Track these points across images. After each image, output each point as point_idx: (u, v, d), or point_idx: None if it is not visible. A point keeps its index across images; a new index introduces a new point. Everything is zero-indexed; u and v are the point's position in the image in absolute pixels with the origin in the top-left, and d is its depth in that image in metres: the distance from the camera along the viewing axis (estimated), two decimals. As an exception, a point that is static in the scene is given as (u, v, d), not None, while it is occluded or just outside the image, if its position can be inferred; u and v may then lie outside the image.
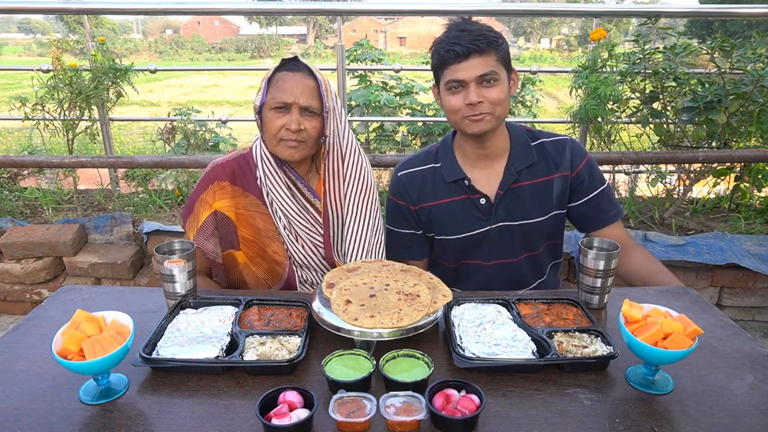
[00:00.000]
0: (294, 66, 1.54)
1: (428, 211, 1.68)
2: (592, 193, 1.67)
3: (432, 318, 1.22)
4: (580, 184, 1.66)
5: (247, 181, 1.64)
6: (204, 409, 1.03)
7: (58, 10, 3.32)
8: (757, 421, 1.00)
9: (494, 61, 1.50)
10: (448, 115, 1.59)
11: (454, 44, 1.49)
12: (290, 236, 1.63)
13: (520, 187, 1.63)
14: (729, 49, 2.72)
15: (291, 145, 1.52)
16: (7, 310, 3.13)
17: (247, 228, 1.64)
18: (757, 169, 3.08)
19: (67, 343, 1.03)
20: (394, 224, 1.75)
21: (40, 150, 4.08)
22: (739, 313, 2.96)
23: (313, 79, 1.53)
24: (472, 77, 1.49)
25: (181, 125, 3.62)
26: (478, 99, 1.50)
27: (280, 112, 1.51)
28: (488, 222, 1.64)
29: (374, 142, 4.67)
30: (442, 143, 1.73)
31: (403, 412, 0.96)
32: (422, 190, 1.69)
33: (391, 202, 1.75)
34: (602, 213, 1.67)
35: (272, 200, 1.61)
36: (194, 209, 1.65)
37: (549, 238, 1.71)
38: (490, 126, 1.54)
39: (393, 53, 18.52)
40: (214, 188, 1.64)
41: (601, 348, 1.17)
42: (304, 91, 1.50)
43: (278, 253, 1.65)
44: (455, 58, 1.49)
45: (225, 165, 1.65)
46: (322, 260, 1.66)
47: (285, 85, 1.50)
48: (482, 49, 1.48)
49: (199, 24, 61.29)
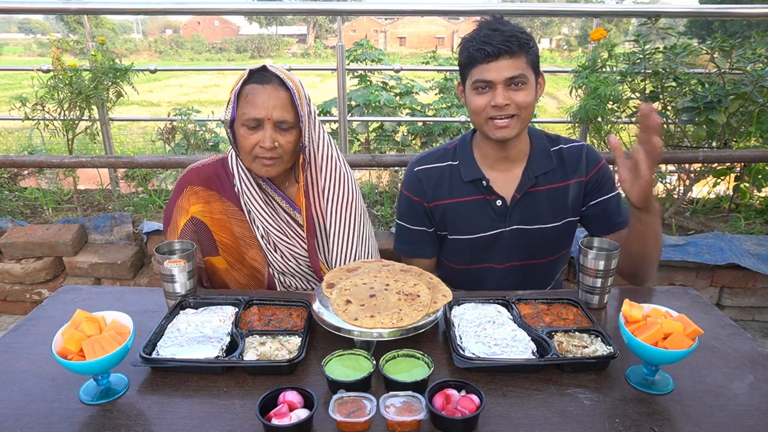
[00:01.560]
0: (263, 77, 1.43)
1: (443, 209, 1.66)
2: (600, 198, 1.64)
3: (432, 318, 1.22)
4: (592, 188, 1.64)
5: (224, 187, 1.59)
6: (204, 409, 1.03)
7: (58, 10, 3.33)
8: (757, 421, 1.00)
9: (524, 64, 1.47)
10: (472, 116, 1.56)
11: (485, 43, 1.45)
12: (268, 245, 1.58)
13: (537, 192, 1.61)
14: (729, 49, 2.72)
15: (266, 163, 1.46)
16: (7, 310, 3.13)
17: (224, 233, 1.60)
18: (757, 169, 3.08)
19: (67, 343, 1.03)
20: (405, 220, 1.73)
21: (40, 150, 4.09)
22: (739, 313, 2.96)
23: (285, 89, 1.44)
24: (500, 79, 1.46)
25: (181, 125, 3.62)
26: (504, 101, 1.46)
27: (252, 129, 1.43)
28: (503, 224, 1.62)
29: (374, 142, 4.67)
30: (461, 141, 1.70)
31: (403, 412, 0.96)
32: (438, 188, 1.66)
33: (404, 197, 1.72)
34: (609, 219, 1.64)
35: (250, 210, 1.57)
36: (172, 217, 1.61)
37: (561, 244, 1.70)
38: (515, 132, 1.51)
39: (393, 53, 18.51)
40: (187, 193, 1.59)
41: (601, 348, 1.17)
42: (277, 104, 1.42)
43: (257, 260, 1.61)
44: (485, 58, 1.45)
45: (200, 170, 1.61)
46: (306, 270, 1.62)
47: (255, 99, 1.42)
48: (513, 51, 1.44)
49: (199, 24, 61.30)
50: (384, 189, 3.69)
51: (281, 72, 1.46)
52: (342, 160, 1.63)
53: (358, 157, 3.00)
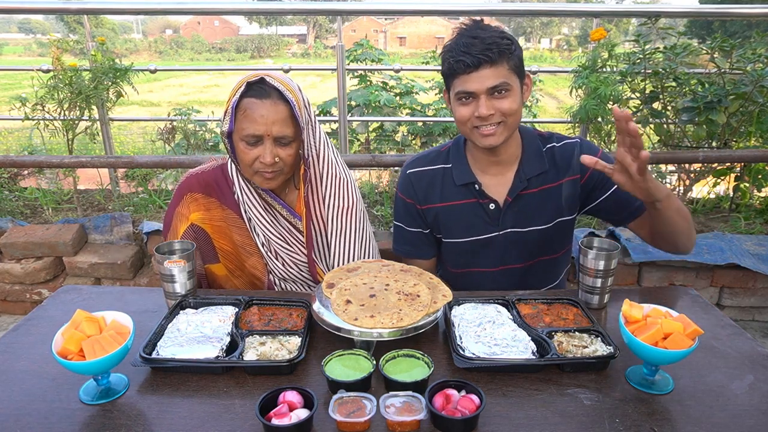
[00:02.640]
0: (262, 91, 1.39)
1: (435, 212, 1.66)
2: (611, 189, 1.58)
3: (432, 318, 1.22)
4: (596, 183, 1.60)
5: (224, 194, 1.57)
6: (204, 409, 1.03)
7: (58, 10, 3.32)
8: (757, 421, 1.01)
9: (506, 71, 1.44)
10: (458, 125, 1.55)
11: (465, 54, 1.42)
12: (269, 254, 1.58)
13: (530, 194, 1.59)
14: (729, 49, 2.72)
15: (268, 177, 1.45)
16: (7, 310, 3.13)
17: (224, 240, 1.60)
18: (757, 169, 3.08)
19: (67, 343, 1.03)
20: (402, 221, 1.73)
21: (40, 150, 4.09)
22: (739, 313, 2.96)
23: (285, 102, 1.40)
24: (482, 89, 1.43)
25: (181, 125, 3.62)
26: (488, 112, 1.44)
27: (252, 145, 1.41)
28: (496, 228, 1.62)
29: (374, 142, 4.67)
30: (454, 144, 1.69)
31: (403, 412, 0.96)
32: (430, 190, 1.66)
33: (399, 199, 1.72)
34: (626, 206, 1.58)
35: (250, 218, 1.56)
36: (172, 224, 1.60)
37: (560, 244, 1.68)
38: (502, 139, 1.50)
39: (393, 53, 18.51)
40: (187, 200, 1.59)
41: (601, 348, 1.17)
42: (277, 120, 1.39)
43: (257, 268, 1.61)
44: (465, 69, 1.43)
45: (200, 176, 1.60)
46: (306, 276, 1.62)
47: (254, 114, 1.38)
48: (494, 60, 1.41)
49: (199, 24, 61.29)
50: (384, 189, 3.69)
51: (280, 83, 1.41)
52: (341, 164, 1.62)
53: (358, 157, 3.00)
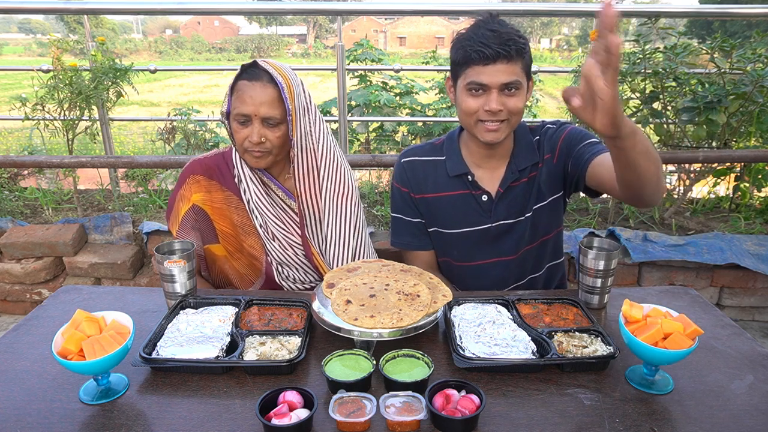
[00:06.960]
0: (253, 74, 1.49)
1: (428, 202, 1.68)
2: (578, 146, 1.54)
3: (432, 318, 1.22)
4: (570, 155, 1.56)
5: (224, 177, 1.65)
6: (204, 409, 1.03)
7: (58, 10, 3.32)
8: (757, 421, 1.00)
9: (519, 70, 1.45)
10: (462, 116, 1.55)
11: (484, 45, 1.42)
12: (267, 234, 1.64)
13: (519, 185, 1.62)
14: (729, 49, 2.72)
15: (256, 155, 1.53)
16: (7, 310, 3.13)
17: (224, 221, 1.66)
18: (757, 169, 3.08)
19: (67, 343, 1.03)
20: (399, 212, 1.74)
21: (40, 150, 4.09)
22: (739, 313, 2.96)
23: (274, 85, 1.48)
24: (496, 83, 1.44)
25: (181, 125, 3.62)
26: (498, 107, 1.45)
27: (242, 124, 1.50)
28: (489, 219, 1.64)
29: (374, 142, 4.67)
30: (448, 137, 1.72)
31: (403, 412, 0.96)
32: (424, 180, 1.68)
33: (395, 189, 1.73)
34: (582, 154, 1.52)
35: (249, 199, 1.62)
36: (174, 205, 1.68)
37: (550, 225, 1.68)
38: (503, 136, 1.52)
39: (393, 53, 18.54)
40: (189, 182, 1.66)
41: (601, 348, 1.17)
42: (264, 101, 1.47)
43: (255, 248, 1.67)
44: (482, 60, 1.43)
45: (202, 161, 1.68)
46: (302, 259, 1.66)
47: (244, 96, 1.48)
48: (511, 56, 1.43)
49: (199, 24, 61.28)
50: (384, 189, 3.68)
51: (272, 67, 1.50)
52: (341, 155, 1.67)
53: (358, 157, 3.00)
